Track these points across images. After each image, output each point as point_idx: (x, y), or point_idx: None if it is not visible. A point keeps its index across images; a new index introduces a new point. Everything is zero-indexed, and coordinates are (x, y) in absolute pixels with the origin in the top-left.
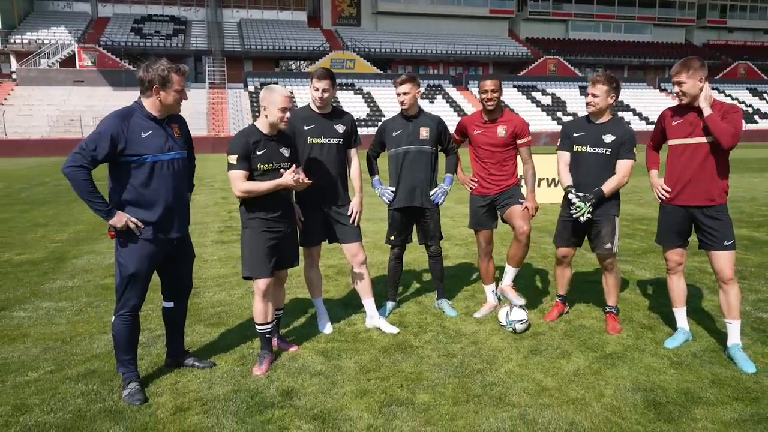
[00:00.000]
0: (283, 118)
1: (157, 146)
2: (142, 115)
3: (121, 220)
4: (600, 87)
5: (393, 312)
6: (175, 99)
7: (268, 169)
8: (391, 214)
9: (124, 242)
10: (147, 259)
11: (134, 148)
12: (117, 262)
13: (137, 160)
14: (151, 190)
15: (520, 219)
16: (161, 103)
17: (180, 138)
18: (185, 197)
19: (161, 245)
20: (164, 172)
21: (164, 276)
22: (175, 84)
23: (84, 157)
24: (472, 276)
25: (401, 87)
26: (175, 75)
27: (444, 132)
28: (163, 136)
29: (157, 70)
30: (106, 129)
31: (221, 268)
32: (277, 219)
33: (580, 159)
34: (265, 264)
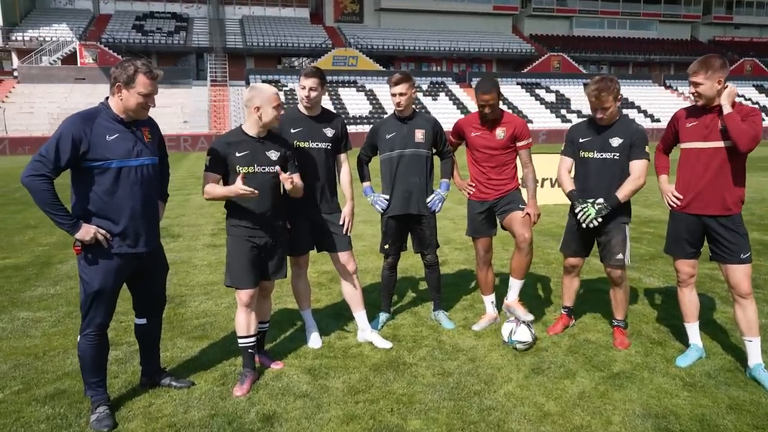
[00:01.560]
0: (278, 116)
1: (123, 151)
2: (107, 117)
3: (88, 232)
4: (608, 99)
5: (387, 324)
6: (138, 103)
7: (249, 172)
8: (386, 222)
9: (89, 257)
10: (113, 273)
11: (98, 152)
12: (81, 279)
13: (101, 166)
14: (116, 199)
15: (521, 226)
16: (123, 104)
17: (151, 143)
18: (155, 208)
19: (128, 260)
20: (132, 179)
21: (134, 291)
22: (140, 86)
23: (45, 164)
24: (471, 284)
25: (397, 87)
26: (143, 76)
27: (440, 134)
28: (131, 140)
29: (125, 68)
30: (66, 131)
31: (210, 274)
32: (260, 228)
33: (587, 165)
34: (247, 274)
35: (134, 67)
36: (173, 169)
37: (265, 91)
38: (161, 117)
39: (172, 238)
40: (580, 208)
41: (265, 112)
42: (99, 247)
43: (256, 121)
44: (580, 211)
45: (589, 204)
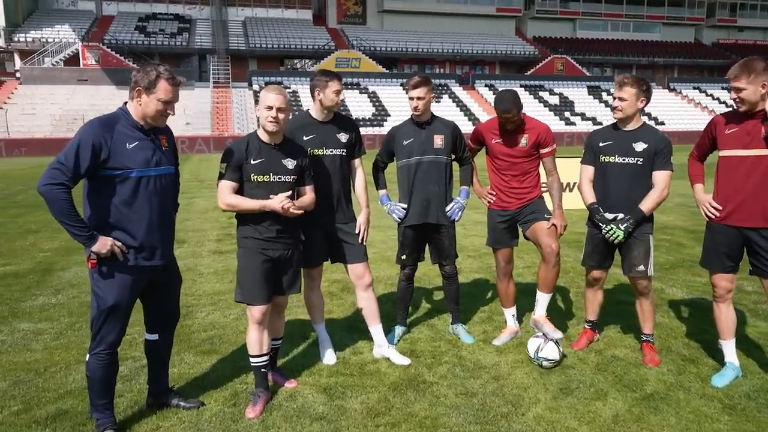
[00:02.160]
0: (268, 117)
1: (143, 159)
2: (127, 124)
3: (105, 245)
4: (628, 90)
5: (403, 338)
6: (158, 110)
7: (265, 181)
8: (403, 232)
9: (104, 270)
10: (128, 288)
11: (118, 161)
12: (93, 294)
13: (121, 175)
14: (134, 210)
15: (548, 237)
16: (142, 110)
17: (168, 151)
18: (171, 218)
19: (144, 272)
20: (150, 189)
21: (147, 305)
22: (161, 92)
23: (63, 172)
24: (487, 294)
25: (415, 91)
26: (165, 82)
27: (459, 139)
28: (151, 149)
29: (147, 72)
30: (86, 137)
31: (217, 283)
32: (274, 239)
33: (607, 170)
34: (260, 289)
35: (156, 72)
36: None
37: (263, 92)
38: None
39: (177, 243)
40: (606, 229)
41: (260, 115)
42: (114, 260)
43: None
44: (606, 232)
45: (614, 226)
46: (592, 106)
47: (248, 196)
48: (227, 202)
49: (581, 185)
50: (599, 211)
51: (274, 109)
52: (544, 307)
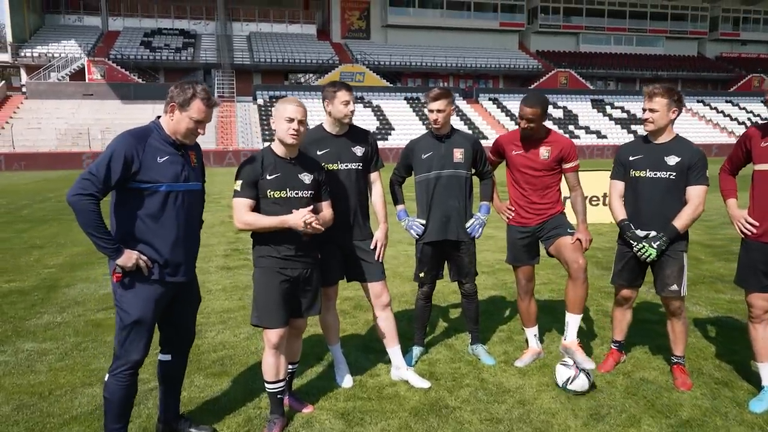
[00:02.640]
0: (290, 129)
1: (173, 174)
2: (159, 138)
3: (130, 258)
4: (659, 101)
5: (421, 359)
6: (188, 128)
7: (281, 197)
8: (421, 249)
9: (128, 284)
10: (153, 302)
11: (149, 174)
12: (117, 308)
13: (150, 188)
14: (161, 224)
15: (573, 252)
16: (173, 127)
17: (197, 168)
18: (197, 235)
19: (167, 288)
20: (178, 205)
21: (164, 323)
22: (194, 111)
23: (94, 183)
24: (505, 312)
25: (435, 103)
26: (199, 102)
27: (480, 153)
28: (180, 164)
29: (183, 90)
30: (119, 148)
31: (226, 300)
32: (293, 258)
33: (638, 185)
34: (277, 312)
35: (193, 90)
36: None
37: (281, 104)
38: None
39: None
40: (638, 248)
41: (278, 128)
42: (139, 275)
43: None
44: (638, 251)
45: (646, 244)
46: (596, 120)
47: (264, 213)
48: (244, 221)
49: (611, 201)
50: (630, 227)
51: (295, 122)
52: (575, 330)
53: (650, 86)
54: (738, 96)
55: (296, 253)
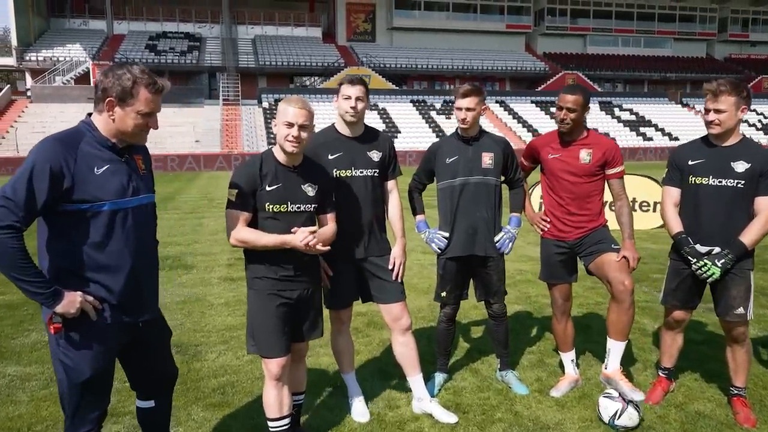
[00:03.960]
0: (288, 135)
1: (117, 187)
2: (94, 142)
3: (72, 303)
4: (726, 99)
5: (444, 387)
6: (137, 125)
7: (282, 211)
8: (444, 264)
9: (73, 336)
10: (106, 353)
11: (86, 190)
12: (60, 365)
13: (90, 209)
14: (109, 253)
15: (619, 271)
16: (115, 126)
17: (146, 174)
18: (155, 260)
19: (125, 332)
20: (128, 226)
21: (132, 369)
22: (141, 102)
23: (11, 210)
24: (532, 331)
25: (464, 100)
26: (144, 90)
27: (511, 158)
28: (125, 173)
29: (119, 77)
30: (42, 160)
31: (228, 316)
32: (292, 279)
33: (699, 194)
34: (277, 339)
35: (132, 76)
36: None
37: (282, 104)
38: (173, 136)
39: (185, 269)
40: (699, 266)
41: (277, 132)
42: (86, 320)
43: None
44: (699, 269)
45: (709, 262)
46: (604, 122)
47: (260, 227)
48: (240, 238)
49: (665, 210)
50: (689, 242)
51: (295, 127)
52: (618, 359)
53: (714, 83)
54: None
55: (295, 274)
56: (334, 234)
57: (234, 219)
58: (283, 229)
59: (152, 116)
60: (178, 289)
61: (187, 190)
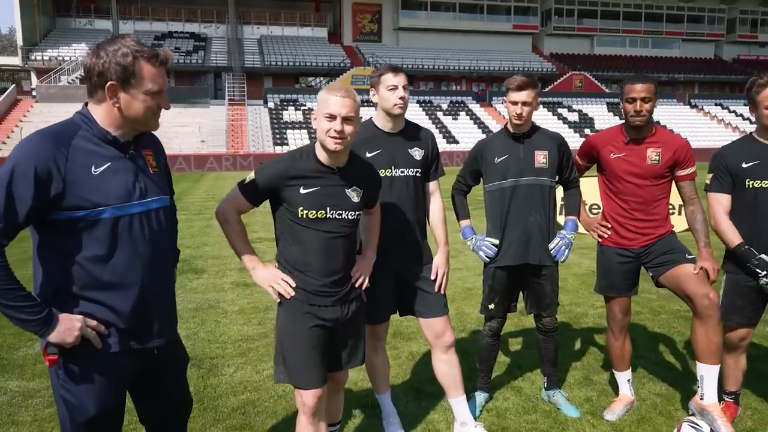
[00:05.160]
0: (330, 131)
1: (120, 190)
2: (91, 135)
3: (71, 329)
4: None
5: (486, 407)
6: (147, 107)
7: (320, 217)
8: (492, 274)
9: (73, 368)
10: (114, 387)
11: (81, 195)
12: (61, 401)
13: (87, 217)
14: (114, 269)
15: (699, 284)
16: (122, 115)
17: (158, 173)
18: (172, 275)
19: (135, 360)
20: (136, 235)
21: (143, 401)
22: (148, 80)
23: None
24: (574, 344)
25: (519, 94)
26: (147, 64)
27: (566, 157)
28: (131, 171)
29: (114, 55)
30: (25, 161)
31: (244, 324)
32: (329, 292)
33: (758, 199)
34: (313, 367)
35: (129, 51)
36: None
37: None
38: (179, 137)
39: (195, 274)
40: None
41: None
42: (88, 348)
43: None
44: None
45: None
46: (612, 123)
47: (294, 235)
48: (225, 218)
49: (718, 221)
50: (754, 253)
51: (338, 120)
52: (715, 386)
53: (765, 77)
54: None
55: (333, 290)
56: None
57: (235, 200)
58: (318, 238)
59: (162, 94)
60: (190, 295)
61: (193, 191)
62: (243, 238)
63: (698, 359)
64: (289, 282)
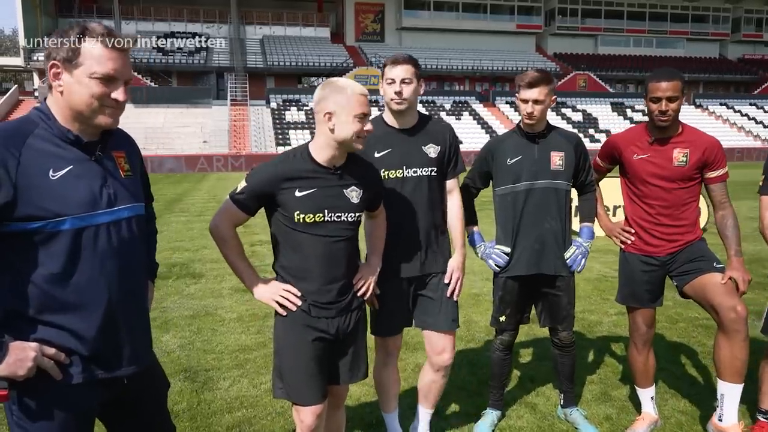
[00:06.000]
0: (362, 131)
1: (83, 197)
2: (49, 135)
3: (24, 360)
4: None
5: (498, 426)
6: (92, 95)
7: (317, 221)
8: (503, 284)
9: (28, 403)
10: (78, 423)
11: (35, 203)
12: None
13: (43, 228)
14: (75, 288)
15: (726, 295)
16: (66, 102)
17: (131, 177)
18: (143, 295)
19: (100, 391)
20: (102, 249)
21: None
22: (94, 60)
23: None
24: (587, 356)
25: (531, 91)
26: (96, 42)
27: (584, 158)
28: (97, 176)
29: (64, 34)
30: None
31: (242, 333)
32: (329, 304)
33: None
34: (312, 383)
35: (79, 29)
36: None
37: (345, 91)
38: (181, 137)
39: (193, 278)
40: None
41: (340, 125)
42: (46, 381)
43: (328, 138)
44: None
45: None
46: (616, 123)
47: (289, 242)
48: (220, 235)
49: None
50: None
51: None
52: (736, 407)
53: None
54: (762, 98)
55: (336, 298)
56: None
57: (227, 213)
58: (316, 243)
59: (115, 83)
60: (186, 301)
61: (194, 192)
62: (241, 255)
63: (720, 376)
64: (292, 291)
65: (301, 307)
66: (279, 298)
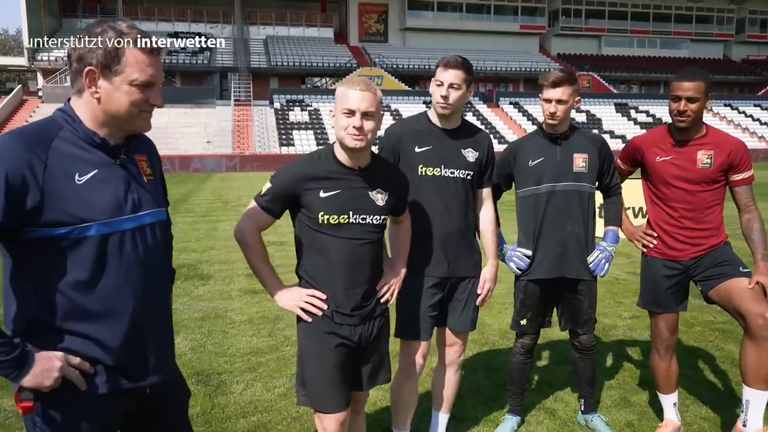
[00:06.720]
0: (349, 127)
1: (109, 202)
2: (75, 137)
3: (50, 371)
4: None
5: None
6: (132, 102)
7: (342, 223)
8: (524, 287)
9: (52, 414)
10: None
11: (62, 209)
12: None
13: (69, 234)
14: (101, 296)
15: (753, 300)
16: (102, 108)
17: (153, 182)
18: (167, 301)
19: (124, 401)
20: (127, 255)
21: None
22: (133, 68)
23: None
24: (606, 360)
25: (554, 90)
26: (136, 48)
27: (607, 160)
28: (122, 180)
29: (99, 35)
30: None
31: (253, 336)
32: (353, 312)
33: None
34: (335, 390)
35: (116, 33)
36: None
37: (341, 87)
38: (184, 137)
39: (201, 280)
40: None
41: (336, 124)
42: (71, 391)
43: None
44: None
45: None
46: (620, 124)
47: (312, 243)
48: (244, 240)
49: None
50: None
51: (357, 115)
52: (761, 414)
53: None
54: (766, 99)
55: (356, 305)
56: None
57: (254, 217)
58: (341, 245)
59: (152, 88)
60: (196, 303)
61: (198, 193)
62: (265, 260)
63: (746, 383)
64: (318, 295)
65: (325, 312)
66: (303, 304)
